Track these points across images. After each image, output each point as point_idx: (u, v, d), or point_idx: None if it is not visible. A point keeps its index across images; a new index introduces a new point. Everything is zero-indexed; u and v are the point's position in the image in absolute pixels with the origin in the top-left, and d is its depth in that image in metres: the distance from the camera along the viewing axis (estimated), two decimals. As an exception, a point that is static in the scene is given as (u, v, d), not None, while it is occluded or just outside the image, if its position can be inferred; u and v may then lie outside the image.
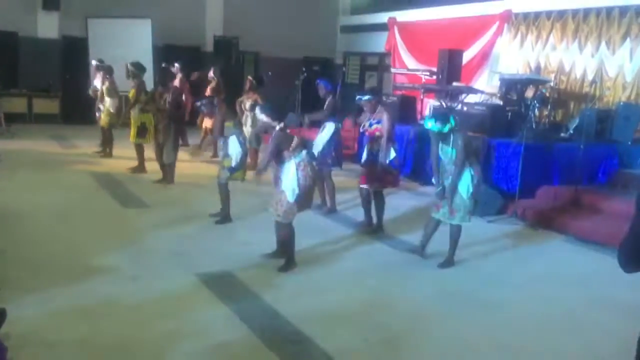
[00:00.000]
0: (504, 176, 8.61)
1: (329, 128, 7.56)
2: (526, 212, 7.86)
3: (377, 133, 6.66)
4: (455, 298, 5.10)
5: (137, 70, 9.30)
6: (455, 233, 5.93)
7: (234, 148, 6.78)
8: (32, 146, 11.21)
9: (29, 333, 3.88)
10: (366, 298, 4.96)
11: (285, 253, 5.55)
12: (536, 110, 9.49)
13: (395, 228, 7.07)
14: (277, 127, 5.43)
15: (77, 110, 14.20)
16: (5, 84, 13.39)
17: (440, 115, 5.80)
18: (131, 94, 9.26)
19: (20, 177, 8.52)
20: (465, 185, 5.71)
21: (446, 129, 5.55)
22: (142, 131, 9.24)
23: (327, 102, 7.77)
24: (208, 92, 10.97)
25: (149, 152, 9.35)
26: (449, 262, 5.92)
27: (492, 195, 8.08)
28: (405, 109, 10.94)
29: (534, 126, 9.15)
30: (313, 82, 13.63)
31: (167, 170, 8.60)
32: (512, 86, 10.05)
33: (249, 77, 10.56)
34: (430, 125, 5.61)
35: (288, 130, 5.52)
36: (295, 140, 5.36)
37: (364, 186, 6.85)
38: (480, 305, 4.94)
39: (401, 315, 4.64)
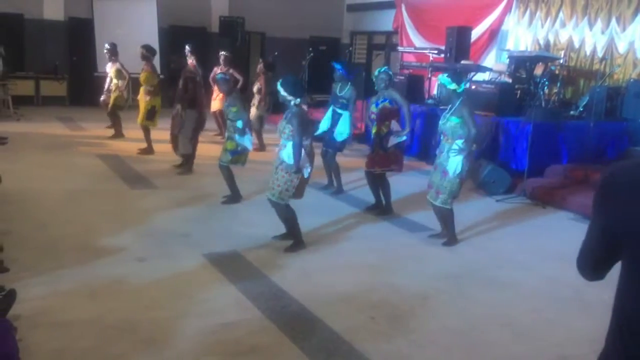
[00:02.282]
0: (512, 155, 8.57)
1: (345, 117, 7.48)
2: (535, 191, 7.81)
3: (386, 112, 6.55)
4: (462, 277, 5.09)
5: (149, 52, 9.28)
6: (443, 213, 5.74)
7: (240, 132, 6.74)
8: (40, 129, 11.23)
9: (38, 314, 3.91)
10: (372, 277, 4.97)
11: (291, 235, 5.55)
12: (545, 88, 9.40)
13: (401, 208, 7.05)
14: (294, 103, 5.26)
15: (84, 92, 14.20)
16: (12, 66, 13.37)
17: (455, 74, 5.71)
18: (143, 76, 9.21)
19: (28, 160, 8.54)
20: (454, 163, 5.48)
21: (461, 88, 5.45)
22: (150, 114, 9.24)
23: (347, 91, 7.59)
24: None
25: (156, 133, 9.38)
26: (450, 240, 5.87)
27: (501, 174, 8.04)
28: (413, 88, 10.85)
29: (543, 104, 9.08)
30: (320, 62, 13.61)
31: (185, 159, 8.37)
32: (521, 64, 9.94)
33: (261, 60, 10.53)
34: (443, 78, 5.51)
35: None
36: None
37: (369, 169, 6.78)
38: (486, 284, 4.94)
39: (407, 294, 4.64)
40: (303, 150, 5.22)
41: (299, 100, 5.24)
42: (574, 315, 4.45)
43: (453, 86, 5.43)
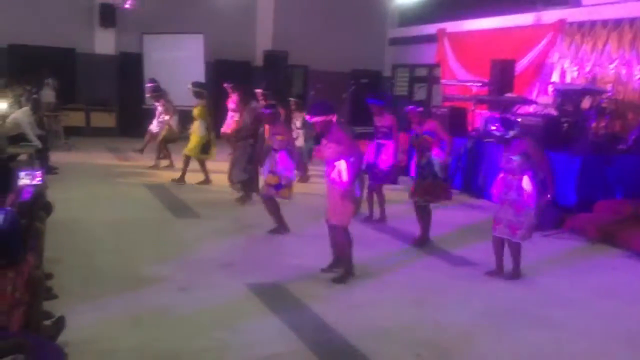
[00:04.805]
0: (560, 189, 8.34)
1: (388, 146, 7.51)
2: (584, 227, 7.60)
3: (426, 144, 6.59)
4: (509, 314, 4.94)
5: (200, 89, 9.55)
6: (516, 248, 5.76)
7: (286, 165, 6.78)
8: (89, 158, 11.56)
9: (86, 341, 3.96)
10: (417, 312, 4.87)
11: (342, 263, 5.50)
12: (593, 121, 9.21)
13: (446, 241, 6.94)
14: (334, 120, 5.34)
15: (133, 123, 14.60)
16: (64, 98, 13.87)
17: (504, 120, 5.75)
18: (197, 111, 9.46)
19: (78, 189, 8.77)
20: (530, 197, 5.50)
21: (511, 133, 5.47)
22: (206, 148, 9.49)
23: (386, 120, 7.65)
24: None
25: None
26: (515, 275, 5.78)
27: (549, 208, 7.82)
28: (456, 121, 10.78)
29: (591, 138, 8.88)
30: (362, 95, 13.65)
31: (241, 189, 8.44)
32: (567, 97, 9.78)
33: (293, 99, 10.76)
34: (494, 129, 5.54)
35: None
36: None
37: (416, 199, 6.76)
38: (535, 323, 4.78)
39: (453, 331, 4.53)
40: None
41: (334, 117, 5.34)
42: (629, 358, 4.25)
43: (506, 133, 5.49)
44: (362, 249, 6.21)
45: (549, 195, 5.59)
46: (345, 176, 5.22)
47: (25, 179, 3.66)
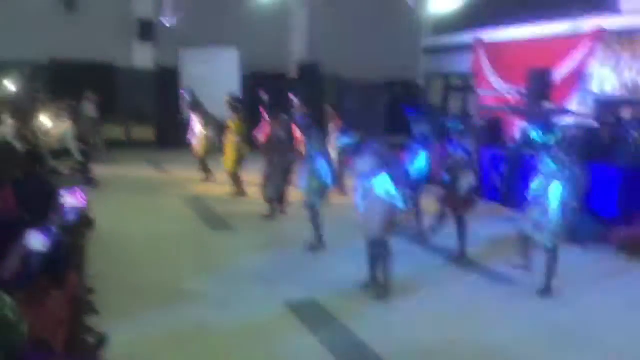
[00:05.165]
0: (601, 202, 8.17)
1: (422, 155, 7.49)
2: (626, 241, 7.41)
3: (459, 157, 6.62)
4: (550, 334, 4.85)
5: (236, 102, 9.67)
6: (550, 258, 5.69)
7: (324, 168, 6.81)
8: (129, 171, 11.80)
9: (126, 358, 4.03)
10: (456, 332, 4.82)
11: (378, 280, 5.49)
12: (635, 132, 8.99)
13: (484, 257, 6.86)
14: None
15: (171, 135, 14.82)
16: (104, 112, 14.17)
17: (544, 125, 5.73)
18: (233, 125, 9.57)
19: (118, 202, 8.94)
20: (556, 203, 5.47)
21: (551, 139, 5.44)
22: (240, 161, 9.54)
23: (420, 129, 7.68)
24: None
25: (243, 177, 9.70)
26: (546, 290, 5.69)
27: (589, 222, 7.67)
28: (493, 131, 10.67)
29: (632, 149, 8.66)
30: (396, 104, 13.67)
31: (272, 205, 8.44)
32: (607, 107, 9.58)
33: (329, 107, 10.80)
34: (534, 135, 5.53)
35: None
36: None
37: (451, 211, 6.77)
38: (577, 343, 4.68)
39: (493, 352, 4.46)
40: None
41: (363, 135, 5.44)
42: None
43: (546, 139, 5.44)
44: (398, 264, 6.17)
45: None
46: (388, 190, 5.24)
47: (68, 198, 3.74)
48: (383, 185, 5.25)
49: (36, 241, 2.92)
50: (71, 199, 3.75)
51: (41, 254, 2.94)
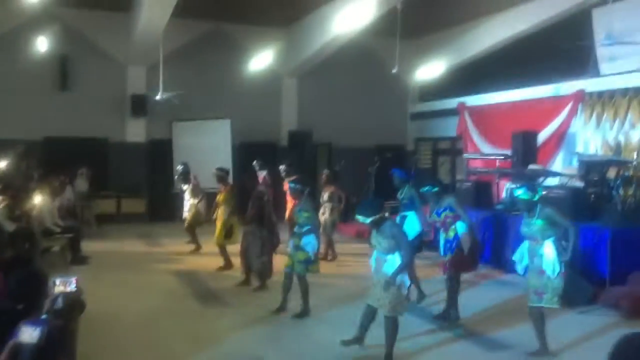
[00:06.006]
0: (591, 262, 8.22)
1: (410, 218, 7.61)
2: (620, 301, 7.41)
3: (449, 220, 6.70)
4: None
5: (223, 173, 9.79)
6: (537, 316, 5.70)
7: (310, 240, 6.88)
8: (120, 247, 11.76)
9: None
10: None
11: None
12: (620, 191, 9.14)
13: (478, 323, 6.82)
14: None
15: (162, 208, 14.91)
16: (96, 186, 14.28)
17: (529, 184, 5.88)
18: (221, 197, 9.64)
19: (108, 279, 8.87)
20: (551, 263, 5.52)
21: (536, 197, 5.55)
22: (229, 233, 9.54)
23: (406, 192, 7.92)
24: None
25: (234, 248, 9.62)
26: (540, 353, 5.65)
27: (581, 283, 7.70)
28: (481, 194, 10.80)
29: (619, 208, 8.79)
30: (386, 170, 13.87)
31: (258, 276, 8.44)
32: (592, 167, 9.77)
33: (325, 171, 10.94)
34: (519, 193, 5.63)
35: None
36: None
37: (448, 272, 6.82)
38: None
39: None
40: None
41: (386, 213, 5.54)
42: None
43: (530, 196, 5.56)
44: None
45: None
46: (397, 268, 5.34)
47: (60, 287, 3.77)
48: (394, 265, 5.36)
49: (27, 334, 2.93)
50: (64, 287, 3.79)
51: (32, 345, 2.95)
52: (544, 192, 5.75)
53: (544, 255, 5.58)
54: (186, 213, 11.24)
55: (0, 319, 3.12)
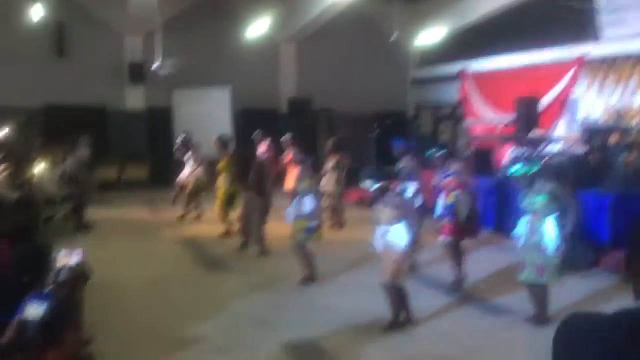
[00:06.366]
0: (592, 228, 8.25)
1: (411, 189, 7.61)
2: (619, 265, 7.46)
3: (452, 185, 6.74)
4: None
5: (224, 143, 9.76)
6: (538, 292, 5.72)
7: (310, 207, 6.91)
8: (123, 214, 11.81)
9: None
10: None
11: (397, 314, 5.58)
12: (622, 157, 9.14)
13: (481, 288, 6.90)
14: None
15: (164, 174, 14.88)
16: (97, 154, 14.24)
17: (525, 158, 5.81)
18: (222, 165, 9.63)
19: (112, 245, 8.95)
20: (552, 240, 5.51)
21: (534, 169, 5.49)
22: (231, 200, 9.57)
23: (406, 162, 7.89)
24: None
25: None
26: (540, 319, 5.69)
27: (583, 249, 7.73)
28: (483, 160, 10.80)
29: (621, 174, 8.79)
30: (386, 137, 13.87)
31: (257, 243, 8.57)
32: (594, 133, 9.75)
33: (330, 140, 10.92)
34: (514, 170, 5.59)
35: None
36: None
37: (446, 238, 6.82)
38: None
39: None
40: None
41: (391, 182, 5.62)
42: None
43: (527, 170, 5.48)
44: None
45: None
46: (403, 239, 5.36)
47: (65, 259, 3.80)
48: (399, 235, 5.39)
49: (32, 310, 2.96)
50: (68, 259, 3.81)
51: (37, 321, 2.98)
52: (541, 163, 5.64)
53: (545, 233, 5.53)
54: (183, 178, 11.24)
55: (8, 293, 3.15)
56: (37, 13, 13.00)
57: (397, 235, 5.41)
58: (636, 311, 1.53)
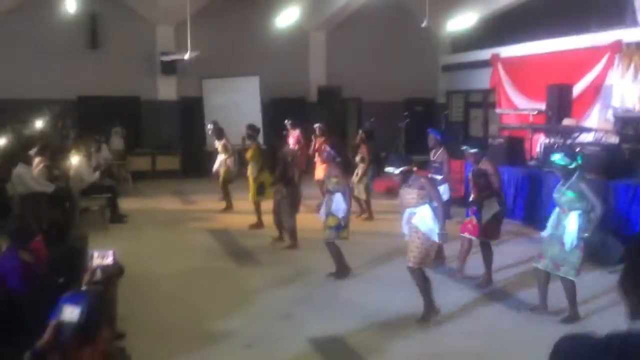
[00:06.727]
0: (624, 221, 8.13)
1: (439, 185, 7.60)
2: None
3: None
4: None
5: (253, 132, 9.84)
6: (569, 287, 5.69)
7: (340, 206, 6.95)
8: (156, 204, 12.05)
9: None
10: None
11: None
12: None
13: (510, 283, 6.88)
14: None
15: (195, 164, 15.13)
16: (130, 144, 14.56)
17: (568, 150, 5.77)
18: (249, 154, 9.72)
19: (144, 238, 9.16)
20: (570, 236, 5.47)
21: (573, 165, 5.44)
22: (261, 189, 9.62)
23: (438, 155, 7.92)
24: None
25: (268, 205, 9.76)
26: (571, 317, 5.68)
27: (612, 243, 7.63)
28: (513, 150, 10.65)
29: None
30: (416, 124, 13.82)
31: (289, 235, 8.60)
32: (627, 123, 9.53)
33: (360, 131, 10.93)
34: (557, 158, 5.53)
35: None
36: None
37: (466, 235, 6.83)
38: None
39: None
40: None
41: (414, 166, 5.63)
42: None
43: (568, 163, 5.43)
44: (415, 293, 6.20)
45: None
46: (428, 222, 5.40)
47: (98, 259, 3.94)
48: (424, 218, 5.41)
49: (68, 313, 3.09)
50: (102, 259, 3.96)
51: (73, 324, 3.11)
52: (582, 160, 5.56)
53: (566, 227, 5.49)
54: (216, 168, 11.40)
55: (46, 293, 3.29)
56: (71, 5, 13.22)
57: (423, 218, 5.43)
58: (627, 335, 1.54)
